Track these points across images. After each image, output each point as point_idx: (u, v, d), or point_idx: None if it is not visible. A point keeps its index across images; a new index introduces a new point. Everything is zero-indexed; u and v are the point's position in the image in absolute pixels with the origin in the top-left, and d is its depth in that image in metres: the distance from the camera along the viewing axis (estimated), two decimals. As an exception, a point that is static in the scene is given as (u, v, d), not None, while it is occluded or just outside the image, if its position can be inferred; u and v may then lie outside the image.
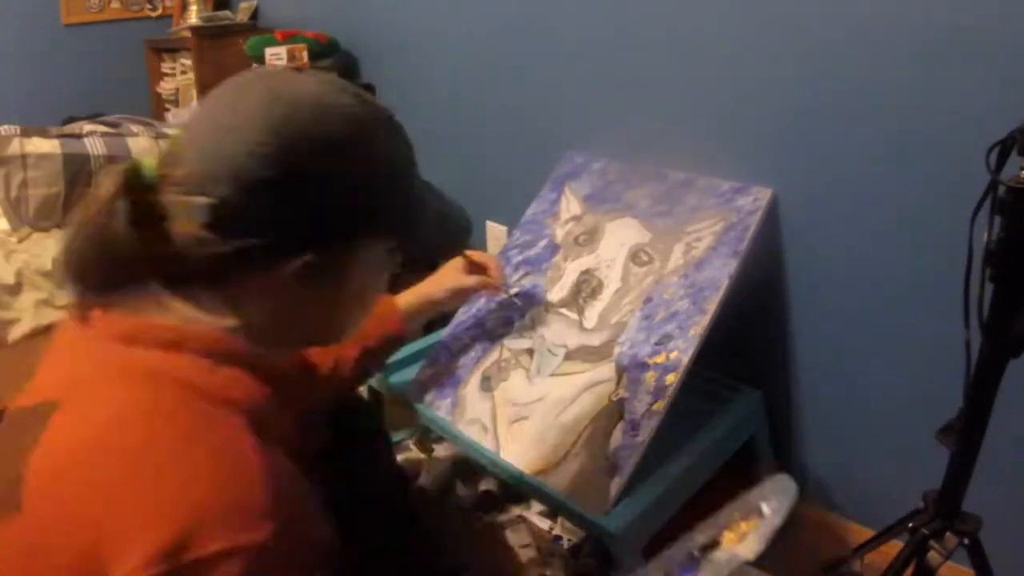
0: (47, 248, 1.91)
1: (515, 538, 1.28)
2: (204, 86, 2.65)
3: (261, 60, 2.30)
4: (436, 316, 1.42)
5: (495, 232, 2.01)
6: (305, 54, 2.30)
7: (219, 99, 0.66)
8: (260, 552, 0.52)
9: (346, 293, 0.71)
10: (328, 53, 2.40)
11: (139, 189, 0.61)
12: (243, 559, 0.52)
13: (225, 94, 0.66)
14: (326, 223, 0.65)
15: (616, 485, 1.11)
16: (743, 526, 0.94)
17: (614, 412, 1.19)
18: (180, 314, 0.63)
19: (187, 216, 0.61)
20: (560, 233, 1.53)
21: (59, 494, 0.55)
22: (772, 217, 1.37)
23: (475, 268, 1.30)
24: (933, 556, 0.99)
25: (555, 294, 1.42)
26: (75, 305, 0.64)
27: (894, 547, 1.05)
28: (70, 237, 0.63)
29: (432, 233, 0.79)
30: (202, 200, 0.60)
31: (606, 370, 1.25)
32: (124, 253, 0.61)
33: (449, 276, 1.28)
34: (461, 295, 1.33)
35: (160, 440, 0.56)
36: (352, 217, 0.67)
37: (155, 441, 0.56)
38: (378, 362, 1.19)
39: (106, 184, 0.62)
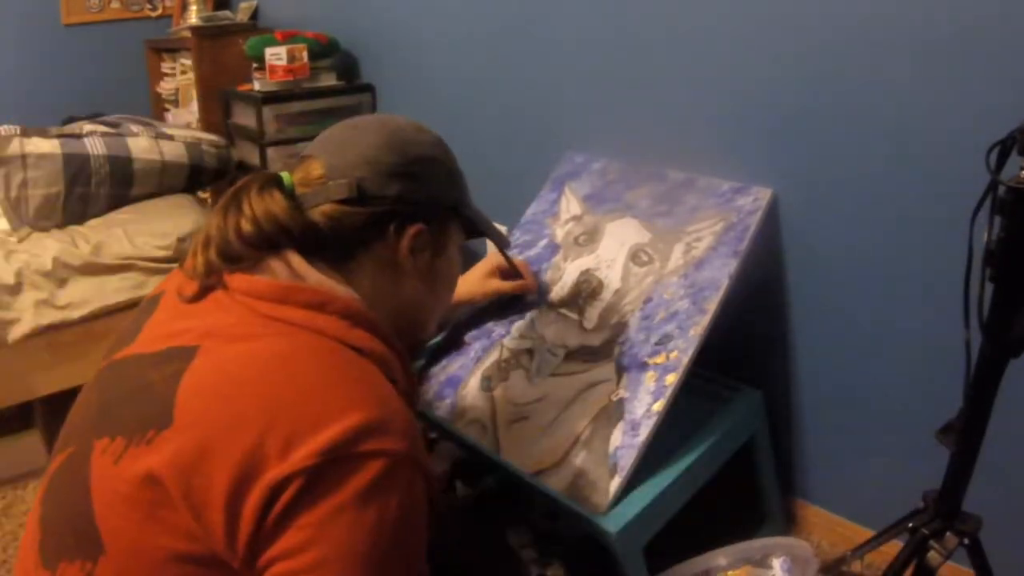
0: (47, 248, 1.91)
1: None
2: (204, 86, 2.65)
3: (261, 60, 2.30)
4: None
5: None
6: (305, 54, 2.30)
7: (334, 131, 0.87)
8: (400, 459, 0.63)
9: (438, 269, 0.89)
10: (328, 53, 2.40)
11: (279, 185, 0.79)
12: (390, 460, 0.62)
13: (338, 128, 0.87)
14: (432, 204, 0.86)
15: (616, 485, 1.11)
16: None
17: (614, 412, 1.19)
18: (313, 280, 0.74)
19: (328, 196, 0.78)
20: (560, 233, 1.53)
21: (215, 404, 0.63)
22: (772, 217, 1.37)
23: (510, 273, 1.37)
24: (933, 556, 0.99)
25: (555, 294, 1.42)
26: (205, 271, 0.74)
27: (894, 547, 1.05)
28: (216, 219, 0.76)
29: (493, 233, 1.00)
30: (343, 181, 0.79)
31: (606, 370, 1.25)
32: (268, 227, 0.74)
33: (491, 283, 1.36)
34: (498, 299, 1.42)
35: (318, 364, 0.66)
36: (447, 205, 0.89)
37: (314, 365, 0.66)
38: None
39: (255, 180, 0.78)
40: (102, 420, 0.68)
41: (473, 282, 1.35)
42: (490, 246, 1.09)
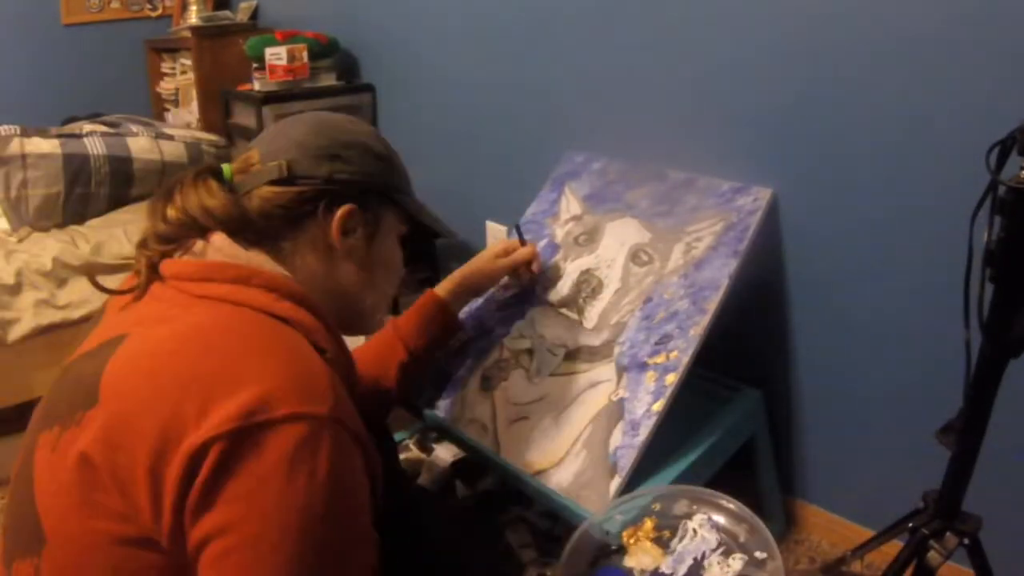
0: (47, 248, 1.92)
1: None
2: (204, 86, 2.65)
3: (261, 60, 2.30)
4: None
5: (495, 232, 2.01)
6: (305, 54, 2.30)
7: (274, 125, 0.91)
8: (321, 422, 0.62)
9: (375, 254, 0.90)
10: (328, 53, 2.40)
11: (219, 175, 0.83)
12: (306, 425, 0.61)
13: (278, 123, 0.91)
14: (364, 182, 0.87)
15: (616, 485, 1.11)
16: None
17: (614, 412, 1.19)
18: (244, 258, 0.76)
19: (260, 179, 0.82)
20: (560, 233, 1.53)
21: (136, 379, 0.63)
22: (772, 217, 1.37)
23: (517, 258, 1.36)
24: (933, 556, 0.99)
25: (555, 294, 1.42)
26: (145, 264, 0.75)
27: (894, 547, 1.05)
28: (152, 207, 0.80)
29: (433, 222, 1.00)
30: (275, 163, 0.83)
31: (606, 370, 1.25)
32: (195, 212, 0.77)
33: (499, 263, 1.34)
34: (501, 270, 1.39)
35: (234, 335, 0.67)
36: (379, 187, 0.90)
37: (234, 335, 0.67)
38: (428, 357, 1.26)
39: (190, 172, 0.82)
40: (44, 416, 0.70)
41: (483, 261, 1.33)
42: (490, 234, 1.11)
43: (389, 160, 0.93)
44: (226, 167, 0.85)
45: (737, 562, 0.93)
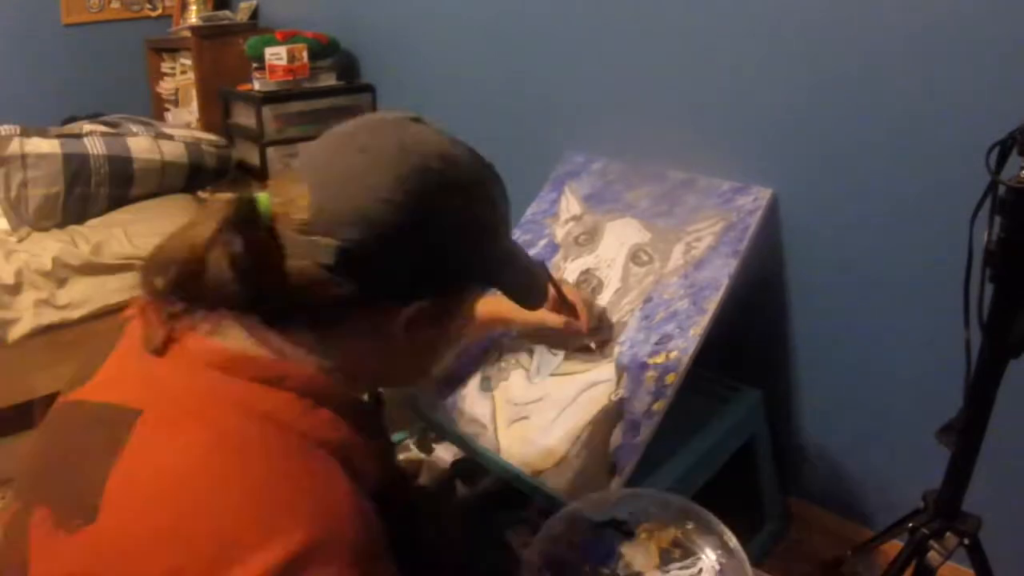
0: (47, 248, 1.92)
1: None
2: (204, 86, 2.65)
3: (261, 60, 2.30)
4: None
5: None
6: (305, 54, 2.30)
7: (344, 143, 0.66)
8: None
9: (445, 338, 0.73)
10: (328, 53, 2.40)
11: (254, 222, 0.61)
12: None
13: (350, 138, 0.66)
14: (445, 272, 0.67)
15: (616, 485, 1.11)
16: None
17: (614, 412, 1.19)
18: (274, 347, 0.62)
19: (310, 255, 0.61)
20: (560, 233, 1.53)
21: (138, 515, 0.54)
22: (772, 217, 1.37)
23: (560, 303, 1.20)
24: (933, 556, 0.99)
25: (555, 294, 1.41)
26: (160, 312, 0.62)
27: (894, 547, 1.05)
28: (165, 252, 0.63)
29: (520, 287, 0.81)
30: (330, 241, 0.60)
31: (606, 370, 1.25)
32: (227, 280, 0.59)
33: (538, 312, 1.14)
34: (539, 330, 1.26)
35: (257, 473, 0.56)
36: (468, 267, 0.69)
37: (253, 473, 0.55)
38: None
39: (217, 210, 0.61)
40: (42, 482, 0.61)
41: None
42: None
43: (492, 225, 0.71)
44: (263, 201, 0.63)
45: None
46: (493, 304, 1.13)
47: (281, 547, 0.52)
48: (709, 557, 0.90)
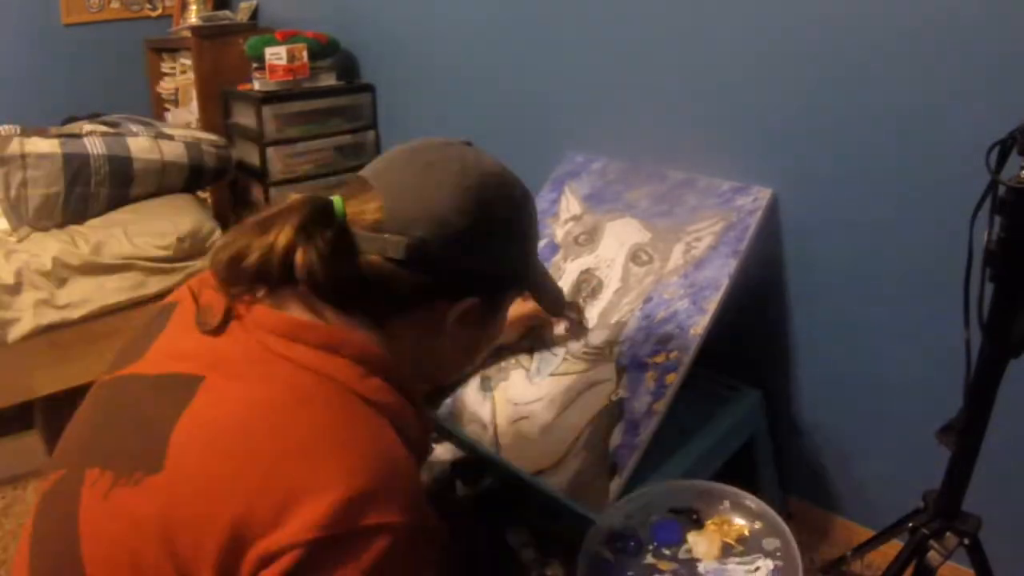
0: (47, 248, 1.91)
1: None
2: (204, 86, 2.65)
3: (261, 60, 2.30)
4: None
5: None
6: (305, 54, 2.30)
7: (412, 159, 0.74)
8: (407, 532, 0.58)
9: (485, 336, 0.82)
10: (328, 53, 2.40)
11: (330, 222, 0.69)
12: (393, 535, 0.57)
13: (417, 154, 0.75)
14: (498, 274, 0.76)
15: (616, 485, 1.11)
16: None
17: (614, 412, 1.19)
18: (333, 318, 0.68)
19: (381, 251, 0.69)
20: (560, 233, 1.53)
21: (207, 460, 0.58)
22: (772, 217, 1.37)
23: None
24: (933, 556, 0.99)
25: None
26: (221, 295, 0.68)
27: (894, 547, 1.05)
28: (239, 244, 0.68)
29: (550, 296, 0.91)
30: (400, 239, 0.69)
31: (606, 370, 1.25)
32: (316, 271, 0.66)
33: (525, 314, 1.26)
34: (525, 327, 1.32)
35: (320, 421, 0.61)
36: (514, 270, 0.79)
37: (316, 421, 0.60)
38: None
39: (295, 210, 0.68)
40: (95, 446, 0.65)
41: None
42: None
43: (530, 235, 0.81)
44: (338, 203, 0.70)
45: None
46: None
47: (343, 488, 0.56)
48: (768, 559, 0.96)
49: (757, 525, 0.99)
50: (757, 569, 0.95)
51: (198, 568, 0.55)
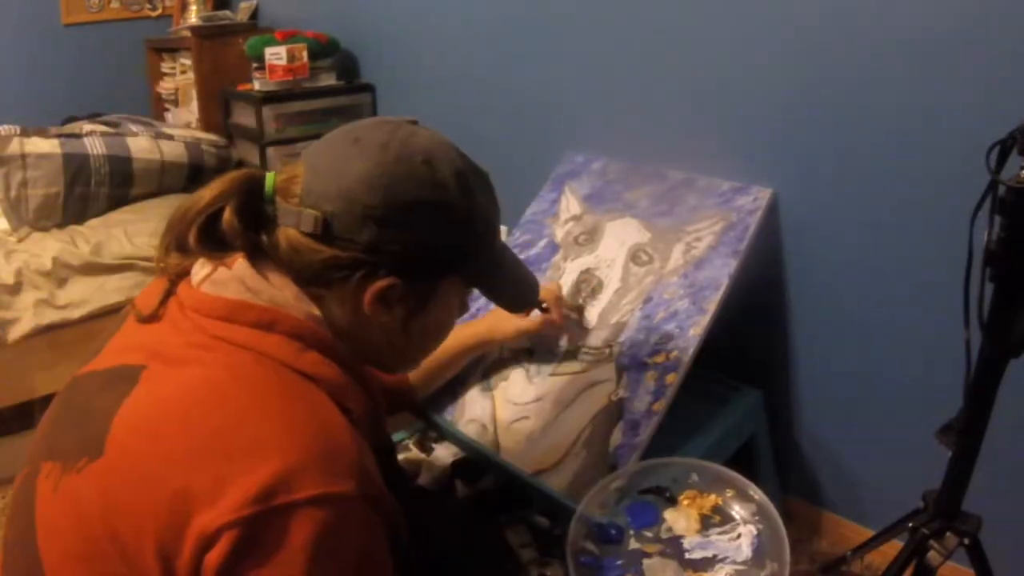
0: (47, 248, 1.92)
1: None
2: (204, 86, 2.65)
3: (261, 60, 2.30)
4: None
5: (495, 232, 2.01)
6: (305, 54, 2.30)
7: (343, 135, 0.74)
8: (344, 503, 0.58)
9: (419, 324, 0.78)
10: (328, 53, 2.40)
11: (260, 191, 0.71)
12: (328, 508, 0.56)
13: (350, 131, 0.75)
14: (416, 258, 0.73)
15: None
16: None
17: (614, 412, 1.19)
18: (266, 297, 0.69)
19: (296, 223, 0.70)
20: (560, 233, 1.53)
21: (145, 442, 0.59)
22: (772, 217, 1.37)
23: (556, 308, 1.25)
24: (933, 556, 0.98)
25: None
26: (160, 282, 0.72)
27: (894, 547, 1.05)
28: (182, 209, 0.71)
29: (506, 292, 0.88)
30: (313, 212, 0.69)
31: (606, 370, 1.25)
32: (235, 230, 0.69)
33: (512, 321, 1.22)
34: (523, 337, 1.29)
35: (255, 397, 0.62)
36: (440, 259, 0.75)
37: (251, 398, 0.62)
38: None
39: (232, 178, 0.71)
40: (50, 441, 0.67)
41: (495, 320, 1.24)
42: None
43: (469, 221, 0.76)
44: (270, 179, 0.72)
45: None
46: (470, 328, 1.24)
47: (278, 461, 0.56)
48: (747, 523, 0.98)
49: (729, 493, 1.01)
50: (739, 536, 0.97)
51: (141, 553, 0.56)
